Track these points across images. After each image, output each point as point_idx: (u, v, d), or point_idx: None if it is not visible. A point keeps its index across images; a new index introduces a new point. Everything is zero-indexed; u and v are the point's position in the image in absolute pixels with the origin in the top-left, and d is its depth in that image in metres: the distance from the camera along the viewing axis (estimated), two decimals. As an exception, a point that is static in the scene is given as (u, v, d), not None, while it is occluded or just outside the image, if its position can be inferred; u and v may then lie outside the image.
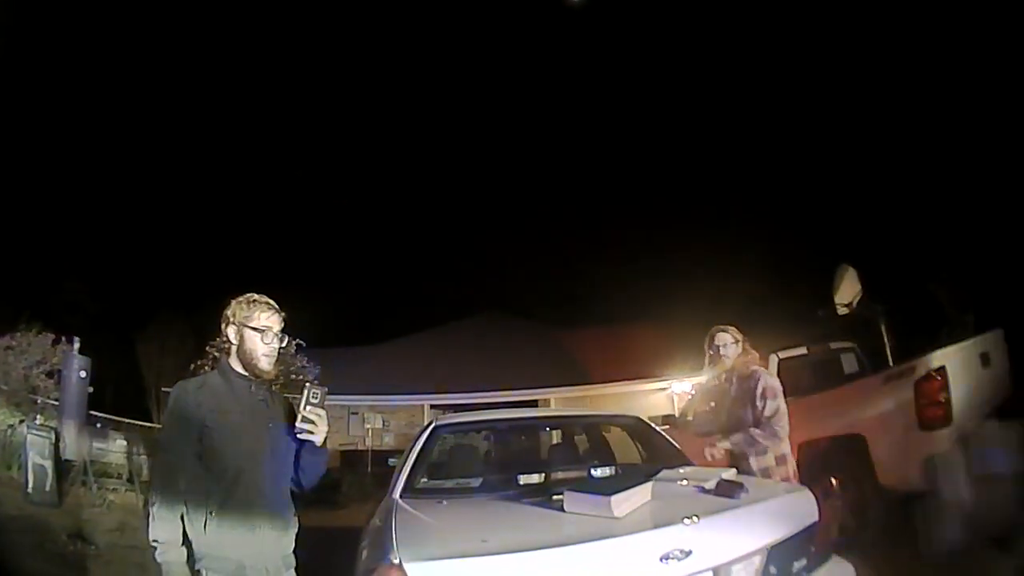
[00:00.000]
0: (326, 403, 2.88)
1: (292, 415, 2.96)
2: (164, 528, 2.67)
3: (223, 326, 3.05)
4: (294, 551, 3.04)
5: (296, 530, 3.06)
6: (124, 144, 39.86)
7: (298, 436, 2.89)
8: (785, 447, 4.56)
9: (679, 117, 44.23)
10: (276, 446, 2.96)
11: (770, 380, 4.70)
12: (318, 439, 2.92)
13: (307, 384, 2.93)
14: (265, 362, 3.00)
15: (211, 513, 2.71)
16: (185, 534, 2.70)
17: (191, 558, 2.70)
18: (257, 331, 2.98)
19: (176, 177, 42.32)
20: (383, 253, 50.52)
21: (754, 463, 4.50)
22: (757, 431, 4.47)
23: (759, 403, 4.56)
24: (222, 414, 2.87)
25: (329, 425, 2.99)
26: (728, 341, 4.83)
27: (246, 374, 3.01)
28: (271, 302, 3.08)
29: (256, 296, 3.07)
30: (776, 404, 4.56)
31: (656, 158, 44.48)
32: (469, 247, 53.49)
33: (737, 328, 4.91)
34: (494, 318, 30.90)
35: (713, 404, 5.02)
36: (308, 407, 2.85)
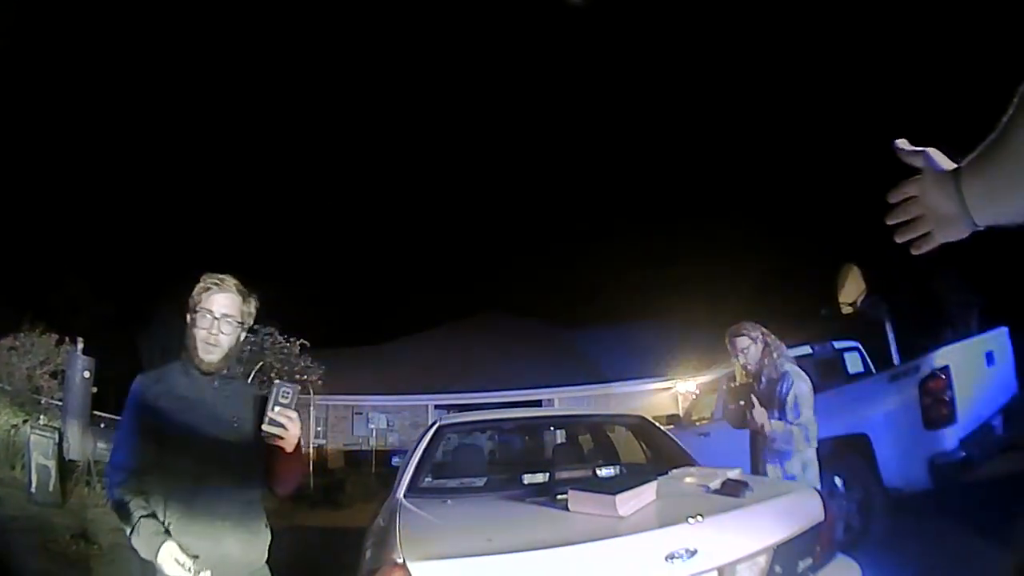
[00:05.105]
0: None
1: (263, 413, 2.55)
2: (131, 514, 2.45)
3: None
4: (268, 562, 2.79)
5: (268, 541, 2.79)
6: (130, 145, 39.98)
7: (265, 440, 2.57)
8: (810, 455, 4.30)
9: (683, 117, 44.29)
10: (242, 448, 2.68)
11: (803, 387, 4.33)
12: (288, 444, 2.58)
13: (276, 382, 2.62)
14: (202, 350, 2.69)
15: (170, 523, 2.48)
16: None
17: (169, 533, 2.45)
18: (195, 313, 2.71)
19: (183, 177, 42.46)
20: (389, 254, 50.70)
21: (783, 468, 4.25)
22: (795, 428, 4.18)
23: (790, 414, 4.26)
24: (181, 411, 2.63)
25: (302, 427, 2.66)
26: (746, 345, 4.54)
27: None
28: (221, 281, 2.76)
29: (207, 275, 2.78)
30: (808, 414, 4.24)
31: (660, 158, 44.59)
32: (474, 247, 53.67)
33: (754, 324, 4.59)
34: (498, 318, 31.01)
35: (742, 403, 4.56)
36: (277, 408, 2.51)
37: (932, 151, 1.25)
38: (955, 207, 1.15)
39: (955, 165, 1.19)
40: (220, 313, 2.71)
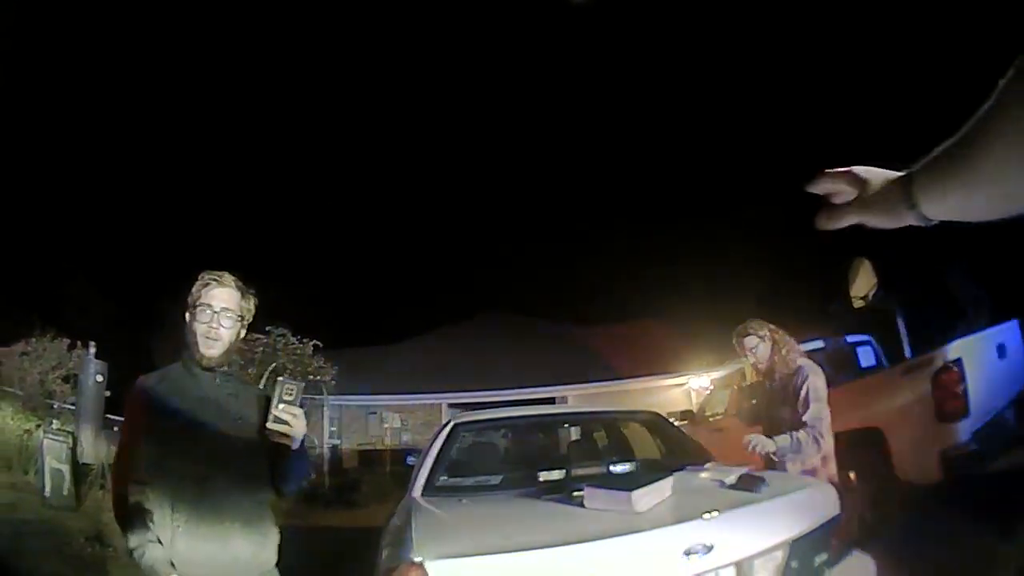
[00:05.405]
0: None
1: (267, 411, 2.54)
2: (137, 534, 2.38)
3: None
4: (280, 563, 2.74)
5: (277, 542, 2.74)
6: (139, 147, 40.10)
7: (269, 438, 2.55)
8: (828, 447, 4.23)
9: (684, 116, 44.25)
10: (248, 446, 2.66)
11: (817, 381, 4.28)
12: (294, 442, 2.58)
13: (279, 379, 2.59)
14: (203, 344, 2.68)
15: (178, 527, 2.44)
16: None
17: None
18: (195, 309, 2.70)
19: (194, 179, 42.62)
20: (401, 254, 50.83)
21: (795, 466, 4.16)
22: (800, 434, 4.08)
23: (801, 407, 4.20)
24: (187, 410, 2.61)
25: (308, 424, 2.64)
26: (754, 344, 4.48)
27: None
28: (220, 276, 2.76)
29: (205, 272, 2.77)
30: (820, 408, 4.19)
31: (668, 154, 44.56)
32: (486, 246, 53.79)
33: (761, 322, 4.53)
34: (511, 316, 31.05)
35: (755, 402, 4.66)
36: (281, 405, 2.49)
37: (857, 170, 1.20)
38: (911, 216, 1.10)
39: (888, 173, 1.14)
40: (219, 307, 2.71)
